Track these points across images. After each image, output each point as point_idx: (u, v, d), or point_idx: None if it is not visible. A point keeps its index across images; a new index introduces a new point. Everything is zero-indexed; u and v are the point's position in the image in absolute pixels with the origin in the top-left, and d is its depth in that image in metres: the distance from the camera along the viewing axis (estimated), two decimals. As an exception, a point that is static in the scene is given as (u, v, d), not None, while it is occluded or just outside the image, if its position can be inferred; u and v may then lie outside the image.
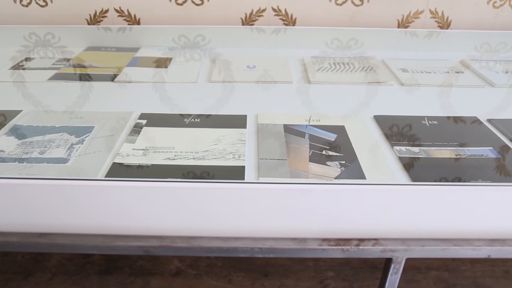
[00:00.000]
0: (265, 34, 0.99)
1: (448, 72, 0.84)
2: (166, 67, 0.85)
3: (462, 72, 0.85)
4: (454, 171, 0.53)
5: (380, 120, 0.65)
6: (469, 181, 0.51)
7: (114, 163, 0.54)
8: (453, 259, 1.22)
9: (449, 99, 0.74)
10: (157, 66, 0.85)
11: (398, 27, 1.00)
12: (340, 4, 0.96)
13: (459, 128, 0.64)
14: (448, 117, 0.67)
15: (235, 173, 0.52)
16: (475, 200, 0.44)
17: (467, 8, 0.98)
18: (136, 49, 0.94)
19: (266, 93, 0.74)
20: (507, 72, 0.84)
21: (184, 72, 0.83)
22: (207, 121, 0.65)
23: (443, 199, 0.44)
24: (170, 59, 0.88)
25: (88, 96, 0.72)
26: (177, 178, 0.51)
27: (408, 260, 1.33)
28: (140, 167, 0.54)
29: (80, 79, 0.79)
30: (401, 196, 0.44)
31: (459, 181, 0.50)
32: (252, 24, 0.99)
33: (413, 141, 0.60)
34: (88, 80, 0.79)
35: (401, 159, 0.55)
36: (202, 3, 0.97)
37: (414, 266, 1.16)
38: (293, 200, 0.44)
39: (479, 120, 0.66)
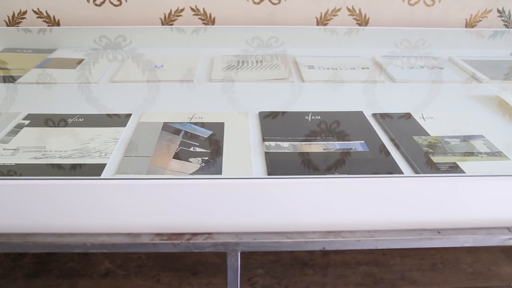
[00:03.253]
0: (185, 34, 0.99)
1: (354, 68, 0.85)
2: (74, 68, 0.85)
3: (367, 68, 0.85)
4: (314, 164, 0.54)
5: (263, 116, 0.66)
6: (323, 174, 0.51)
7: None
8: (384, 254, 1.23)
9: (344, 95, 0.74)
10: (66, 68, 0.85)
11: (317, 24, 1.01)
12: (258, 3, 0.97)
13: (340, 123, 0.64)
14: (333, 112, 0.67)
15: (95, 170, 0.53)
16: (311, 193, 0.45)
17: (384, 5, 0.99)
18: (52, 51, 0.94)
19: (163, 92, 0.75)
20: (412, 68, 0.86)
21: (89, 73, 0.82)
22: (91, 120, 0.65)
23: (281, 192, 0.45)
24: (81, 60, 0.88)
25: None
26: (38, 176, 0.51)
27: (337, 255, 1.33)
28: (3, 166, 0.54)
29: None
30: (236, 190, 0.44)
31: (313, 174, 0.51)
32: (172, 24, 0.99)
33: (287, 136, 0.60)
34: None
35: (266, 154, 0.56)
36: (120, 4, 0.97)
37: (344, 262, 1.16)
38: (129, 196, 0.44)
39: (363, 114, 0.67)
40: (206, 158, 0.55)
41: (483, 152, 0.58)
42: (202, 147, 0.58)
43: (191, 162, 0.54)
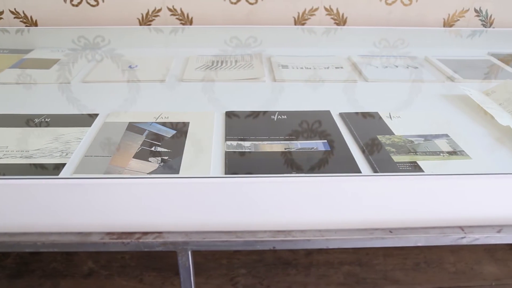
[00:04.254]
0: (163, 34, 0.99)
1: (328, 68, 0.85)
2: (48, 68, 0.85)
3: (342, 68, 0.85)
4: (272, 164, 0.54)
5: (229, 116, 0.66)
6: (281, 173, 0.52)
7: None
8: (367, 253, 1.23)
9: (314, 94, 0.74)
10: (40, 68, 0.85)
11: (295, 24, 1.01)
12: (235, 3, 0.97)
13: (306, 123, 0.64)
14: (300, 112, 0.67)
15: (54, 170, 0.53)
16: (263, 192, 0.45)
17: (361, 5, 0.99)
18: (29, 51, 0.94)
19: (134, 92, 0.75)
20: (386, 68, 0.86)
21: (62, 74, 0.82)
22: (57, 120, 0.65)
23: (233, 192, 0.45)
24: (57, 61, 0.88)
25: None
26: (-3, 176, 0.51)
27: (320, 255, 1.34)
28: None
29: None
30: (189, 189, 0.44)
31: (270, 173, 0.51)
32: (150, 24, 0.99)
33: (250, 136, 0.60)
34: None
35: (226, 153, 0.56)
36: (98, 4, 0.97)
37: (327, 262, 1.16)
38: (82, 195, 0.44)
39: (330, 114, 0.67)
40: (166, 157, 0.55)
41: (445, 151, 0.58)
42: (164, 147, 0.58)
43: (150, 161, 0.54)
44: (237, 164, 0.54)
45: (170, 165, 0.53)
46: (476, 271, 1.12)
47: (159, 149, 0.57)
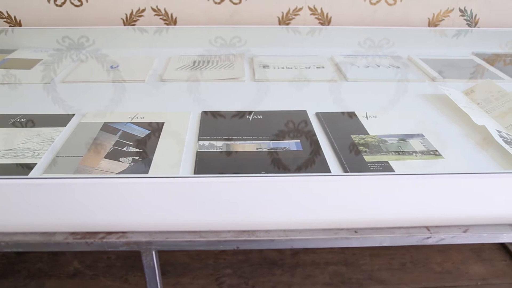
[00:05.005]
0: (148, 34, 0.99)
1: (309, 67, 0.85)
2: (30, 68, 0.85)
3: (323, 67, 0.85)
4: (242, 163, 0.54)
5: (205, 116, 0.66)
6: (250, 173, 0.51)
7: None
8: (354, 253, 1.23)
9: (293, 94, 0.74)
10: (21, 68, 0.85)
11: (279, 24, 1.01)
12: (218, 3, 0.97)
13: (281, 122, 0.64)
14: (276, 112, 0.67)
15: (24, 170, 0.53)
16: (229, 192, 0.45)
17: (346, 5, 0.99)
18: (12, 51, 0.94)
19: (113, 92, 0.75)
20: (368, 67, 0.85)
21: (43, 74, 0.82)
22: (33, 120, 0.65)
23: (199, 192, 0.45)
24: (38, 61, 0.88)
25: None
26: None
27: (307, 255, 1.33)
28: None
29: None
30: (155, 189, 0.44)
31: (239, 173, 0.51)
32: (134, 24, 0.99)
33: (224, 135, 0.60)
34: None
35: (197, 153, 0.56)
36: (81, 4, 0.97)
37: (313, 262, 1.17)
38: (48, 195, 0.44)
39: (306, 114, 0.67)
40: (137, 157, 0.55)
41: (419, 151, 0.58)
42: (136, 147, 0.57)
43: (121, 161, 0.54)
44: (207, 164, 0.54)
45: (140, 165, 0.53)
46: (462, 271, 1.13)
47: (131, 149, 0.57)
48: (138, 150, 0.57)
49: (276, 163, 0.54)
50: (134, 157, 0.55)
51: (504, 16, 1.03)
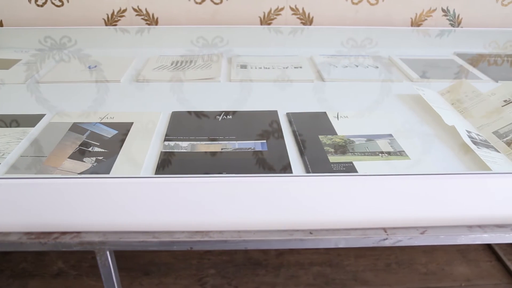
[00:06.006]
0: (129, 34, 0.99)
1: (287, 67, 0.85)
2: (7, 68, 0.85)
3: (300, 67, 0.85)
4: (204, 164, 0.54)
5: (174, 116, 0.66)
6: (211, 173, 0.51)
7: None
8: (339, 254, 1.23)
9: (267, 94, 0.74)
10: None
11: (261, 24, 1.01)
12: (200, 3, 0.97)
13: (250, 123, 0.64)
14: (247, 112, 0.67)
15: (-14, 171, 0.53)
16: (184, 193, 0.45)
17: (327, 4, 0.99)
18: (-8, 51, 0.95)
19: (87, 92, 0.75)
20: (346, 67, 0.85)
21: (20, 74, 0.83)
22: (3, 121, 0.65)
23: (154, 192, 0.45)
24: (17, 61, 0.89)
25: None
26: None
27: (291, 256, 1.32)
28: None
29: None
30: (112, 189, 0.44)
31: (200, 173, 0.51)
32: (115, 25, 1.00)
33: (191, 136, 0.60)
34: None
35: (162, 153, 0.56)
36: (63, 4, 0.97)
37: (297, 262, 1.16)
38: (2, 195, 0.44)
39: (276, 114, 0.67)
40: (101, 158, 0.55)
41: (385, 152, 0.58)
42: (102, 147, 0.58)
43: (84, 162, 0.54)
44: (169, 165, 0.54)
45: (103, 165, 0.53)
46: (447, 272, 1.12)
47: (96, 149, 0.57)
48: (103, 150, 0.57)
49: (239, 164, 0.53)
50: (98, 157, 0.55)
51: (488, 16, 1.03)
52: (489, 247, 1.19)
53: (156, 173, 0.51)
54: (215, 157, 0.55)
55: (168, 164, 0.53)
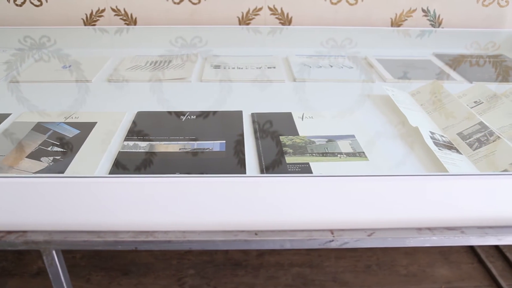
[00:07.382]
0: (108, 34, 0.99)
1: (260, 67, 0.85)
2: (-17, 68, 0.86)
3: (274, 68, 0.85)
4: (160, 164, 0.54)
5: (139, 116, 0.66)
6: (166, 174, 0.51)
7: None
8: (319, 255, 1.23)
9: (236, 94, 0.74)
10: (-24, 67, 0.86)
11: (240, 24, 1.01)
12: (178, 3, 0.97)
13: (213, 123, 0.64)
14: (211, 112, 0.67)
15: None
16: (130, 193, 0.45)
17: (306, 5, 0.99)
18: (-28, 51, 0.95)
19: (57, 92, 0.75)
20: (320, 67, 0.85)
21: (-5, 73, 0.83)
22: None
23: (100, 192, 0.45)
24: (-7, 60, 0.89)
25: None
26: None
27: (272, 256, 1.32)
28: None
29: None
30: (60, 189, 0.44)
31: (155, 173, 0.51)
32: (94, 25, 1.00)
33: (151, 136, 0.60)
34: None
35: (119, 153, 0.56)
36: (41, 4, 0.97)
37: (277, 263, 1.16)
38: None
39: (241, 114, 0.67)
40: (58, 157, 0.55)
41: (344, 153, 0.58)
42: (61, 147, 0.58)
43: (41, 161, 0.55)
44: (125, 164, 0.54)
45: (59, 164, 0.54)
46: (428, 273, 1.12)
47: (56, 149, 0.57)
48: (62, 150, 0.57)
49: (195, 164, 0.54)
50: (56, 157, 0.55)
51: (469, 16, 1.02)
52: (471, 249, 1.19)
53: (110, 173, 0.52)
54: (171, 157, 0.55)
55: (123, 164, 0.54)
